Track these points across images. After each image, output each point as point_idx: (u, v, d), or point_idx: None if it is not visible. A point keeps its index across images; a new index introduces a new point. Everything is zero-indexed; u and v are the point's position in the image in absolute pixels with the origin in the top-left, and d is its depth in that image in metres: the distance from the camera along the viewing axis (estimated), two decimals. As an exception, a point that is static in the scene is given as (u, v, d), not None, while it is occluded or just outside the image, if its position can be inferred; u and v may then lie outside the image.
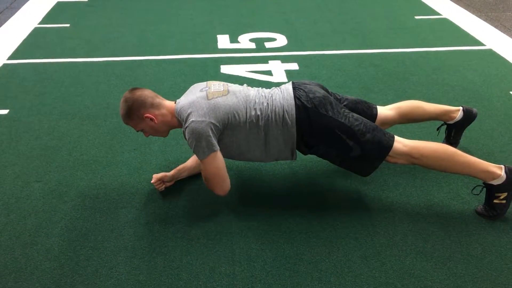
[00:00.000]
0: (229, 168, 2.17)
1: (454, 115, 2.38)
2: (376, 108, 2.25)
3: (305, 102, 1.99)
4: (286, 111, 1.99)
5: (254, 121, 1.99)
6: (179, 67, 3.57)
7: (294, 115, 1.98)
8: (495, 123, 2.79)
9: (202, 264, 1.83)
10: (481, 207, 2.07)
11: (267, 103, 2.02)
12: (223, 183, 2.02)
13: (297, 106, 1.99)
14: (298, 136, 2.01)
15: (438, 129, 2.48)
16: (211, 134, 1.92)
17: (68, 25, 4.43)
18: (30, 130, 2.74)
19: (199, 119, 1.91)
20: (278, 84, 3.24)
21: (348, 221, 2.05)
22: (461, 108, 2.39)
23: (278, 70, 3.50)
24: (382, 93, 3.16)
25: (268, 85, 3.26)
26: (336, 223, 2.04)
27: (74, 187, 2.27)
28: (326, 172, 2.36)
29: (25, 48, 3.91)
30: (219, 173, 1.99)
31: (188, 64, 3.62)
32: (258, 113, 1.99)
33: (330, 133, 1.98)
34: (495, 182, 1.98)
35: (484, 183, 2.02)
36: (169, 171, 2.26)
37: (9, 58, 3.72)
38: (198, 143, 1.91)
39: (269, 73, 3.46)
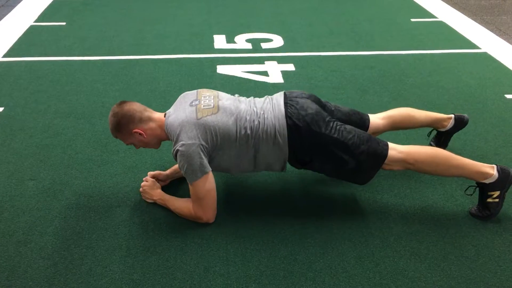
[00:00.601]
0: (224, 168, 2.18)
1: (446, 123, 2.40)
2: (368, 120, 2.23)
3: (296, 121, 1.95)
4: (278, 131, 1.95)
5: (244, 140, 1.95)
6: (175, 66, 3.56)
7: (286, 135, 1.95)
8: (489, 125, 2.80)
9: (197, 264, 1.83)
10: (475, 208, 2.08)
11: (258, 122, 1.96)
12: (214, 205, 2.00)
13: (288, 125, 1.94)
14: (290, 154, 1.99)
15: (428, 134, 2.51)
16: (202, 156, 1.89)
17: (64, 23, 4.42)
18: (24, 128, 2.73)
19: (189, 142, 1.88)
20: (274, 85, 3.26)
21: (342, 222, 2.05)
22: (452, 116, 2.41)
23: (274, 71, 3.50)
24: (378, 95, 3.17)
25: (263, 86, 3.27)
26: (331, 224, 2.04)
27: (68, 185, 2.26)
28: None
29: (21, 46, 3.89)
30: (210, 195, 1.96)
31: (184, 63, 3.62)
32: (248, 132, 1.95)
33: (324, 150, 1.96)
34: (488, 181, 2.00)
35: (476, 182, 2.04)
36: (164, 171, 2.26)
37: (4, 56, 3.70)
38: (189, 166, 1.88)
39: (265, 73, 3.46)
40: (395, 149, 1.99)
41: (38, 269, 1.80)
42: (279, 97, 2.07)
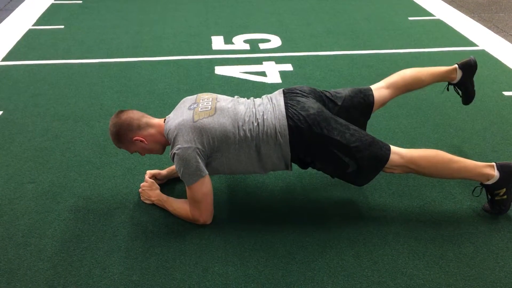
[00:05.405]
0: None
1: (454, 75, 2.36)
2: (372, 95, 2.18)
3: (298, 122, 1.92)
4: (279, 132, 1.92)
5: (244, 142, 1.93)
6: (174, 68, 3.57)
7: (287, 136, 1.92)
8: (487, 123, 2.81)
9: (196, 264, 1.84)
10: (487, 205, 2.10)
11: (258, 123, 1.94)
12: (211, 207, 2.00)
13: (290, 126, 1.92)
14: (293, 155, 1.97)
15: (445, 90, 2.47)
16: (199, 160, 1.88)
17: (62, 26, 4.42)
18: (23, 131, 2.74)
19: (185, 146, 1.87)
20: (272, 86, 3.27)
21: (341, 220, 2.06)
22: (456, 66, 2.37)
23: (272, 71, 3.50)
24: (376, 93, 3.17)
25: (262, 86, 3.27)
26: (329, 223, 2.05)
27: (67, 188, 2.27)
28: (320, 172, 2.36)
29: (19, 50, 3.90)
30: (206, 198, 1.96)
31: (182, 65, 3.62)
32: (248, 134, 1.93)
33: (325, 151, 1.94)
34: (490, 182, 2.00)
35: (481, 183, 2.04)
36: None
37: (3, 60, 3.71)
38: (186, 170, 1.88)
39: (263, 74, 3.47)
40: (397, 154, 1.96)
41: (37, 272, 1.81)
42: (278, 96, 2.05)
